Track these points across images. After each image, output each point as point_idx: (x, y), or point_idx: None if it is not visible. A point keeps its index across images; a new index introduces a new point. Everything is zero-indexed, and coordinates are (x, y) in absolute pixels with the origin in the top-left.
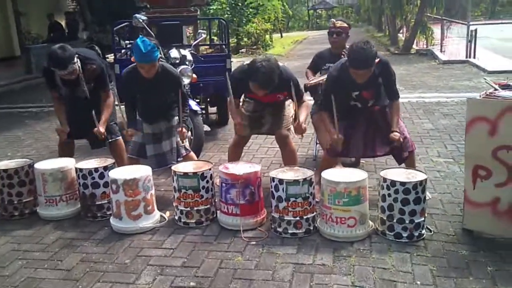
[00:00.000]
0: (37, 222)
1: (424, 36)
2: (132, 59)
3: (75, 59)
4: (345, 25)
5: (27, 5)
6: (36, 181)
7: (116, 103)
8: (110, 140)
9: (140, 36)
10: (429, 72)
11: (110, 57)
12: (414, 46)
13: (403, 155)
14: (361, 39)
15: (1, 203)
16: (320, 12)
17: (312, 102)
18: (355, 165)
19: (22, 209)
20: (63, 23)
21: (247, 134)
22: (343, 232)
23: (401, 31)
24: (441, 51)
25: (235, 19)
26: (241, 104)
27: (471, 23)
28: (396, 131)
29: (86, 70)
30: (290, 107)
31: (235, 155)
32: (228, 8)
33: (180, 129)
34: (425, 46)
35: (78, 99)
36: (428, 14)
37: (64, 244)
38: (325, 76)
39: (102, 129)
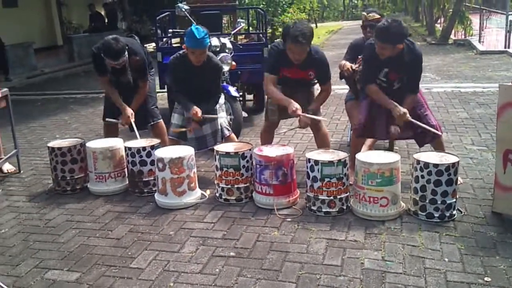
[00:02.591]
0: (88, 197)
1: (462, 26)
2: (183, 46)
3: (125, 52)
4: (377, 16)
5: None
6: (88, 158)
7: (157, 89)
8: (152, 123)
9: (193, 24)
10: (466, 62)
11: (148, 46)
12: (452, 36)
13: (425, 139)
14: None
15: (54, 179)
16: (355, 1)
17: (346, 90)
18: (389, 150)
19: (73, 184)
20: (102, 13)
21: (275, 120)
22: (375, 211)
23: (438, 21)
24: (479, 41)
25: (270, 9)
26: None
27: (510, 13)
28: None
29: (131, 60)
30: (318, 92)
31: (266, 140)
32: None
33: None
34: (463, 36)
35: (121, 84)
36: (467, 4)
37: (113, 216)
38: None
39: (130, 111)
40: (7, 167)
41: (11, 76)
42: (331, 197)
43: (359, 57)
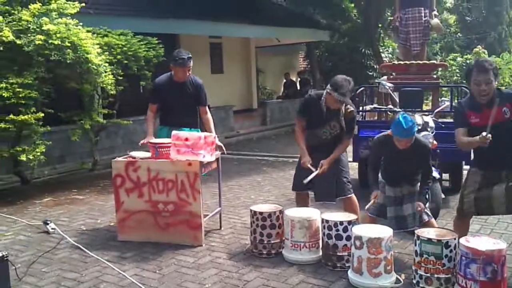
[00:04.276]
0: (282, 263)
1: None
2: (389, 132)
3: (351, 95)
4: None
5: (265, 64)
6: (285, 225)
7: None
8: (343, 197)
9: (402, 113)
10: None
11: None
12: None
13: None
14: None
15: (253, 241)
16: None
17: None
18: None
19: (270, 249)
20: (295, 79)
21: (472, 213)
22: None
23: None
24: None
25: (464, 81)
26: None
27: None
28: None
29: (346, 110)
30: None
31: (460, 230)
32: (458, 70)
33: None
34: None
35: (320, 146)
36: None
37: (307, 287)
38: None
39: (327, 163)
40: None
41: None
42: None
43: None
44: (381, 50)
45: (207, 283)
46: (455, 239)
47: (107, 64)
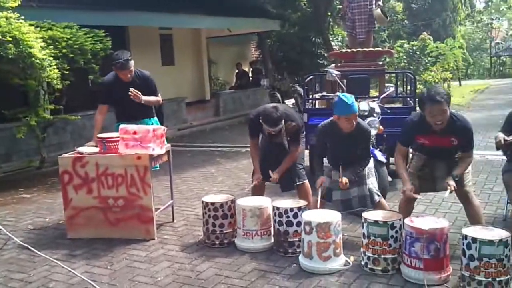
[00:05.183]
0: (235, 252)
1: None
2: (333, 117)
3: (283, 120)
4: None
5: (217, 55)
6: (237, 215)
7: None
8: (297, 183)
9: (340, 92)
10: None
11: (287, 102)
12: None
13: None
14: None
15: (205, 232)
16: (504, 59)
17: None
18: None
19: (222, 238)
20: (247, 70)
21: (416, 193)
22: None
23: None
24: None
25: (411, 67)
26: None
27: None
28: None
29: (287, 125)
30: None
31: (405, 211)
32: (405, 57)
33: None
34: None
35: (274, 146)
36: None
37: (259, 274)
38: None
39: (276, 175)
40: None
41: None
42: (490, 279)
43: None
44: (331, 39)
45: (159, 276)
46: (400, 220)
47: (51, 58)
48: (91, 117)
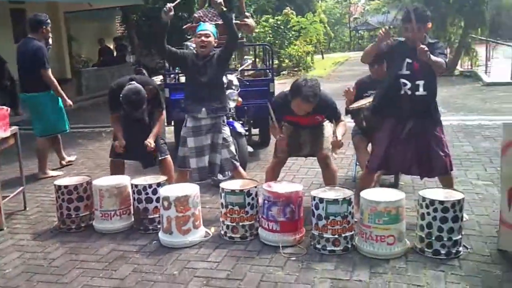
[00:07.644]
0: (93, 235)
1: (468, 58)
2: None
3: (145, 102)
4: None
5: (78, 31)
6: (94, 196)
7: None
8: (160, 158)
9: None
10: (472, 94)
11: (155, 79)
12: (458, 67)
13: (433, 173)
14: None
15: (60, 217)
16: (362, 33)
17: (352, 124)
18: (395, 186)
19: (79, 222)
20: (112, 47)
21: (285, 157)
22: (382, 249)
23: None
24: (485, 72)
25: (277, 41)
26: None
27: None
28: None
29: (146, 90)
30: (328, 127)
31: (272, 177)
32: (270, 31)
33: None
34: (469, 67)
35: (135, 122)
36: (473, 35)
37: (117, 255)
38: (368, 100)
39: (151, 140)
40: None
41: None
42: (336, 236)
43: (364, 95)
44: None
45: (7, 268)
46: (256, 187)
47: None
48: None
